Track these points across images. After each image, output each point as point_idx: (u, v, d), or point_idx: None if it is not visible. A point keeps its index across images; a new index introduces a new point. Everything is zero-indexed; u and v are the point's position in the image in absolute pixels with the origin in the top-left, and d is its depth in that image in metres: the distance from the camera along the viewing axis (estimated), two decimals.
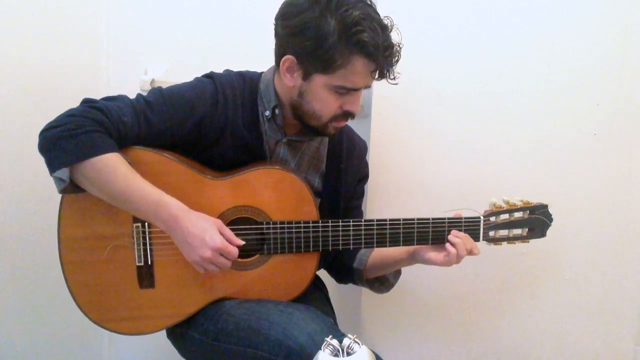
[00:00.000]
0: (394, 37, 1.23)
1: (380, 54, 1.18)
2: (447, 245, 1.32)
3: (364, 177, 1.55)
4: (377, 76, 1.23)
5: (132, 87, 1.81)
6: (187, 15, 1.86)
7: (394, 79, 1.25)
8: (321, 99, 1.25)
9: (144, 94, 1.31)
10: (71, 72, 1.74)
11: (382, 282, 1.52)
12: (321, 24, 1.16)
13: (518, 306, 1.74)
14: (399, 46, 1.23)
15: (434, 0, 1.66)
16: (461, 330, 1.79)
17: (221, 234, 1.20)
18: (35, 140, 1.18)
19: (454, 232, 1.34)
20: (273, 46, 1.29)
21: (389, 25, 1.21)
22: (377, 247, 1.37)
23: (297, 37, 1.20)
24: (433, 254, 1.34)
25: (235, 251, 1.21)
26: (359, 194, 1.56)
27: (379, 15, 1.20)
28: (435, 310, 1.79)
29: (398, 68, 1.24)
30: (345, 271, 1.52)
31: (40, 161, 1.17)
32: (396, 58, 1.23)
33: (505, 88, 1.65)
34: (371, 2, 1.22)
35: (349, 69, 1.19)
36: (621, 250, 1.66)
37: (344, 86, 1.23)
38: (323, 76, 1.22)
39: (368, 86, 1.27)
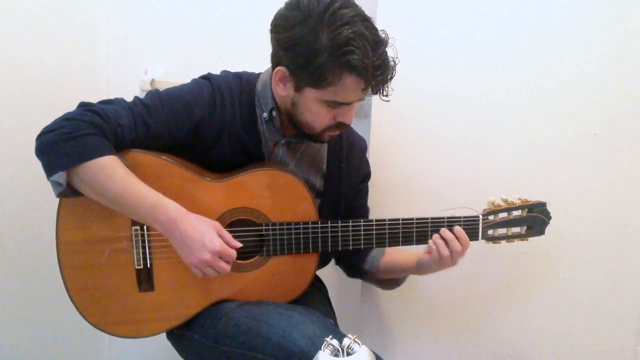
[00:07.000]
0: (390, 52, 1.20)
1: (370, 74, 1.15)
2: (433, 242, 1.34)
3: (366, 175, 1.55)
4: (368, 93, 1.21)
5: (132, 87, 1.82)
6: (187, 15, 1.86)
7: (386, 95, 1.23)
8: (313, 111, 1.25)
9: (144, 94, 1.31)
10: (71, 72, 1.74)
11: (391, 284, 1.55)
12: (312, 41, 1.14)
13: (518, 306, 1.74)
14: (394, 61, 1.20)
15: (434, 1, 1.65)
16: (461, 330, 1.79)
17: (220, 236, 1.20)
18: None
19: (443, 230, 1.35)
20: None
21: (384, 40, 1.18)
22: (377, 247, 1.38)
23: (289, 51, 1.19)
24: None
25: (233, 254, 1.21)
26: (364, 192, 1.56)
27: (373, 30, 1.17)
28: (436, 311, 1.79)
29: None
30: (356, 270, 1.55)
31: (38, 164, 1.17)
32: (389, 75, 1.20)
33: (505, 88, 1.64)
34: (366, 16, 1.18)
35: (340, 85, 1.18)
36: (621, 250, 1.65)
37: (336, 101, 1.22)
38: (314, 90, 1.21)
39: (361, 99, 1.25)
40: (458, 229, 1.35)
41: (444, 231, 1.34)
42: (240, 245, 1.24)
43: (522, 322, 1.75)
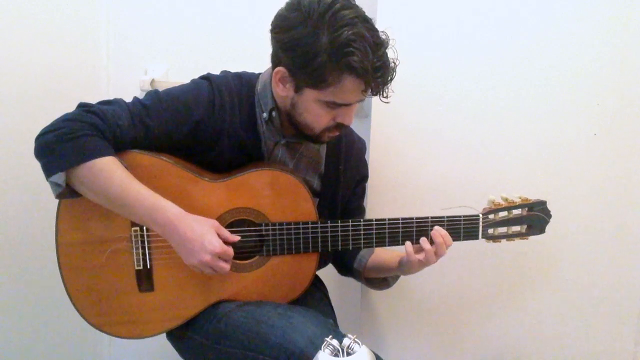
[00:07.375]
0: (390, 53, 1.19)
1: (370, 76, 1.15)
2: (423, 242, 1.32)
3: (363, 177, 1.55)
4: (368, 94, 1.21)
5: (132, 87, 1.82)
6: (187, 15, 1.86)
7: (386, 96, 1.22)
8: (313, 112, 1.24)
9: (144, 94, 1.31)
10: (71, 72, 1.74)
11: (380, 284, 1.53)
12: (312, 42, 1.14)
13: (518, 306, 1.74)
14: (394, 63, 1.19)
15: (434, 1, 1.65)
16: (461, 330, 1.79)
17: (218, 235, 1.21)
18: None
19: (437, 228, 1.33)
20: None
21: (384, 41, 1.18)
22: (377, 246, 1.37)
23: (289, 52, 1.19)
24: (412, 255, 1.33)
25: (231, 252, 1.21)
26: (360, 194, 1.56)
27: (374, 32, 1.16)
28: (436, 311, 1.79)
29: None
30: (346, 269, 1.55)
31: (37, 165, 1.17)
32: (389, 77, 1.19)
33: (505, 88, 1.64)
34: (367, 17, 1.17)
35: (339, 87, 1.18)
36: (621, 250, 1.65)
37: (335, 102, 1.21)
38: (314, 91, 1.20)
39: (361, 100, 1.25)
40: (444, 232, 1.33)
41: (435, 235, 1.32)
42: (238, 238, 1.24)
43: (522, 322, 1.75)
